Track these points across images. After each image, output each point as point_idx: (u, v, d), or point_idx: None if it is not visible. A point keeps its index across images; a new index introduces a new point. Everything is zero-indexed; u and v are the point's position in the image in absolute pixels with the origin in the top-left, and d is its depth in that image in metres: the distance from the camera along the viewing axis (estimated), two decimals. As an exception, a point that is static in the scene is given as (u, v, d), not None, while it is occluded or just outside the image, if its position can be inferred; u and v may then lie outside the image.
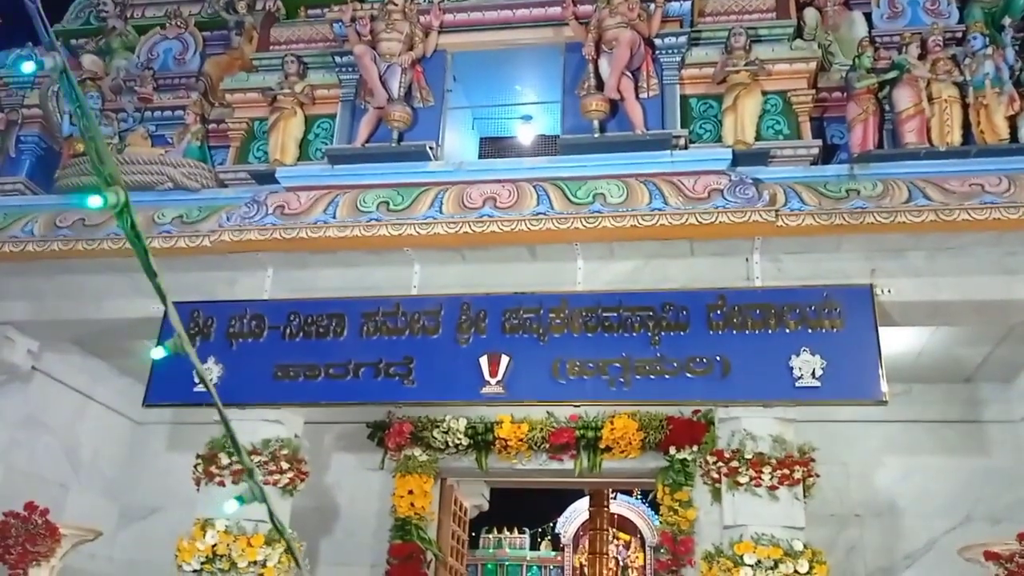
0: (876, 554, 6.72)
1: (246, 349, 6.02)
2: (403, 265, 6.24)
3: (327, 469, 7.52)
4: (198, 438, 6.14)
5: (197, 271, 6.28)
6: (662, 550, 6.82)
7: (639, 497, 17.57)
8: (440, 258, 6.19)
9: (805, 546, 5.08)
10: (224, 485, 5.68)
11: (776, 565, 4.95)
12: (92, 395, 7.51)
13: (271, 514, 2.25)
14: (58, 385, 7.14)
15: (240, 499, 2.21)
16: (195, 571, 5.45)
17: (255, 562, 5.41)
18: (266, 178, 6.50)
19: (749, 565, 4.98)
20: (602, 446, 7.00)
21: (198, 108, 6.89)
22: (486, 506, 8.75)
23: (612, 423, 6.96)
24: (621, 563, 17.52)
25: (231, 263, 6.32)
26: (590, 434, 7.03)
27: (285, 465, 5.74)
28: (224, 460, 5.69)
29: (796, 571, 4.94)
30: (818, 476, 5.47)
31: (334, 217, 6.05)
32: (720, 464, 5.40)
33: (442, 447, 7.22)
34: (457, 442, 7.17)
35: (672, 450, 6.83)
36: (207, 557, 5.40)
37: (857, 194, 5.58)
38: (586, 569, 15.50)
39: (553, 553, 18.52)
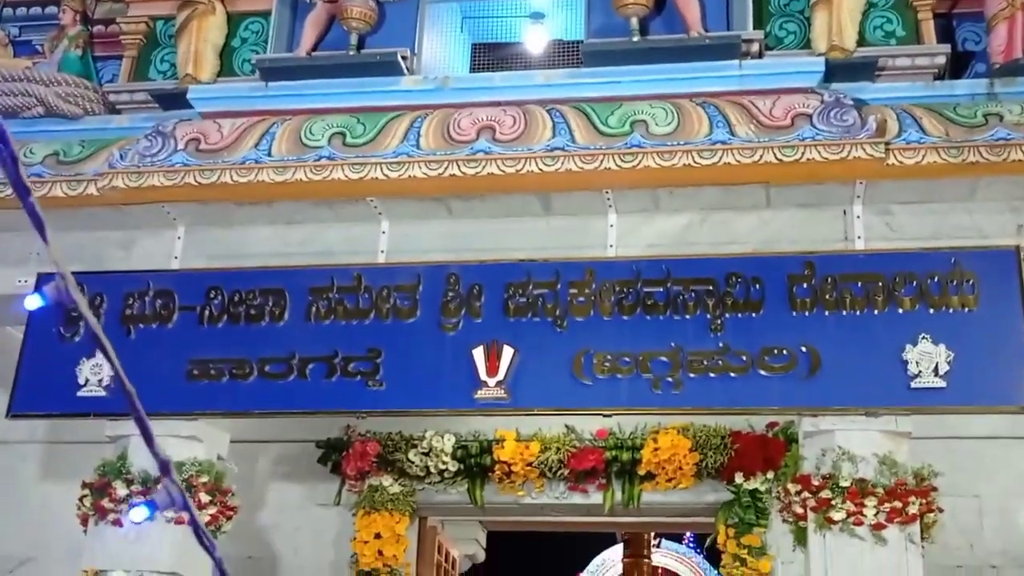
0: (1020, 619, 6.75)
1: (149, 338, 6.04)
2: (366, 222, 6.23)
3: (263, 504, 7.54)
4: (83, 462, 6.17)
5: (79, 230, 6.28)
6: (725, 615, 6.85)
7: (691, 544, 17.69)
8: (417, 211, 6.18)
9: (923, 607, 5.10)
10: (121, 525, 5.70)
11: (883, 633, 4.98)
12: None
13: (198, 528, 2.24)
14: None
15: (151, 505, 2.21)
16: (83, 642, 5.50)
17: (165, 630, 5.45)
18: (174, 100, 6.48)
19: (846, 634, 5.01)
20: (641, 472, 7.00)
21: (78, 3, 6.83)
22: (482, 556, 8.79)
23: (656, 441, 6.96)
24: (667, 634, 17.69)
25: (126, 219, 6.32)
26: (625, 456, 7.03)
27: (205, 497, 5.77)
28: (120, 490, 5.71)
29: (910, 641, 4.97)
30: (941, 511, 5.48)
31: (269, 155, 6.04)
32: (806, 495, 5.41)
33: (421, 474, 7.23)
34: (442, 467, 7.18)
35: (739, 478, 6.83)
36: (99, 623, 5.44)
37: (999, 120, 5.57)
38: (619, 642, 15.64)
39: (573, 621, 18.71)
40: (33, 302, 2.04)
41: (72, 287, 1.89)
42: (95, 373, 5.94)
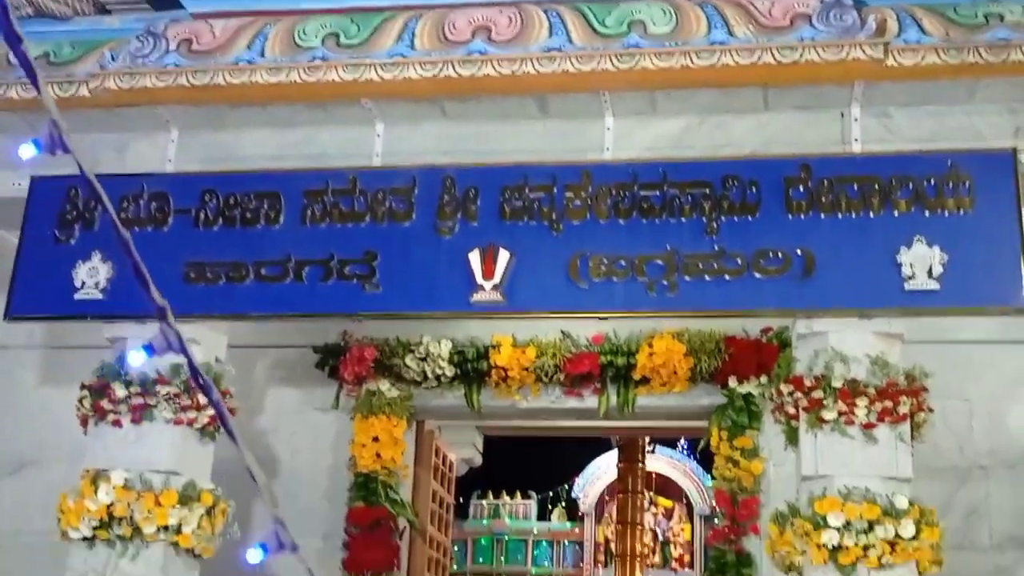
0: (1006, 518, 6.87)
1: (145, 241, 5.97)
2: (361, 124, 6.21)
3: (261, 409, 7.62)
4: (82, 367, 6.21)
5: (72, 133, 6.06)
6: (717, 516, 6.96)
7: (684, 451, 17.98)
8: (412, 114, 6.16)
9: (911, 503, 5.19)
10: (120, 425, 5.77)
11: (871, 527, 5.06)
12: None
13: (196, 374, 2.27)
14: None
15: (148, 349, 2.23)
16: (86, 539, 5.57)
17: (166, 527, 5.53)
18: (165, 1, 6.38)
19: (835, 528, 5.09)
20: (636, 377, 7.07)
21: (65, -99, 6.70)
22: (479, 460, 8.91)
23: (650, 345, 7.01)
24: (660, 537, 18.08)
25: (119, 121, 6.28)
26: (620, 361, 7.09)
27: (203, 399, 5.81)
28: (119, 391, 5.76)
29: (898, 535, 5.05)
30: (931, 411, 5.56)
31: (262, 56, 6.00)
32: (798, 395, 5.47)
33: (418, 379, 7.29)
34: (438, 372, 7.24)
35: (732, 382, 6.91)
36: (101, 521, 5.51)
37: (1000, 20, 5.52)
38: (613, 545, 16.00)
39: (569, 525, 19.11)
40: (27, 151, 2.04)
41: (65, 135, 1.89)
42: (92, 276, 5.95)
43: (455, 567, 17.14)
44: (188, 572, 5.82)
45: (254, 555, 2.14)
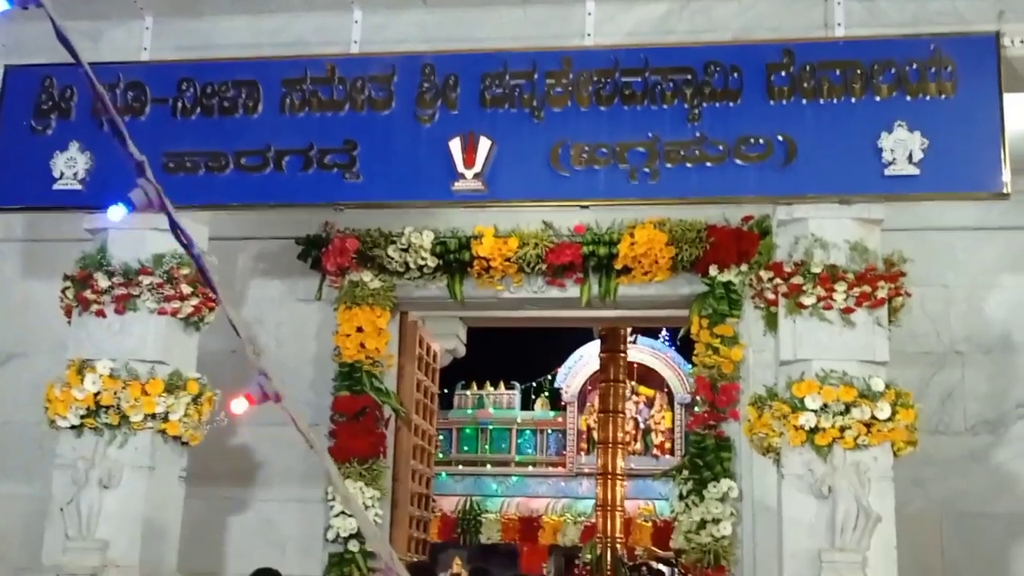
0: (980, 402, 7.01)
1: (122, 131, 5.96)
2: (338, 10, 6.10)
3: (244, 300, 7.63)
4: (63, 259, 6.21)
5: (44, 20, 6.04)
6: (697, 403, 7.06)
7: (666, 341, 18.18)
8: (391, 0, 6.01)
9: (887, 386, 5.28)
10: (104, 315, 5.78)
11: (848, 409, 5.16)
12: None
13: (175, 227, 2.25)
14: None
15: (127, 204, 2.21)
16: (73, 427, 5.64)
17: (153, 415, 5.58)
18: None
19: (812, 410, 5.19)
20: (618, 266, 7.09)
21: None
22: (462, 351, 8.98)
23: (632, 235, 7.01)
24: (642, 425, 18.41)
25: (92, 9, 6.15)
26: (602, 251, 7.10)
27: (187, 289, 5.81)
28: (102, 282, 5.75)
29: (874, 417, 5.15)
30: (909, 296, 5.62)
31: (236, -62, 5.88)
32: (778, 281, 5.52)
33: (400, 270, 7.30)
34: (421, 263, 7.24)
35: (713, 270, 6.94)
36: (88, 409, 5.57)
37: (987, -100, 5.42)
38: (596, 432, 16.26)
39: (552, 414, 19.41)
40: None
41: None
42: (70, 166, 5.89)
43: (440, 456, 17.43)
44: (176, 459, 5.92)
45: (238, 404, 2.16)
